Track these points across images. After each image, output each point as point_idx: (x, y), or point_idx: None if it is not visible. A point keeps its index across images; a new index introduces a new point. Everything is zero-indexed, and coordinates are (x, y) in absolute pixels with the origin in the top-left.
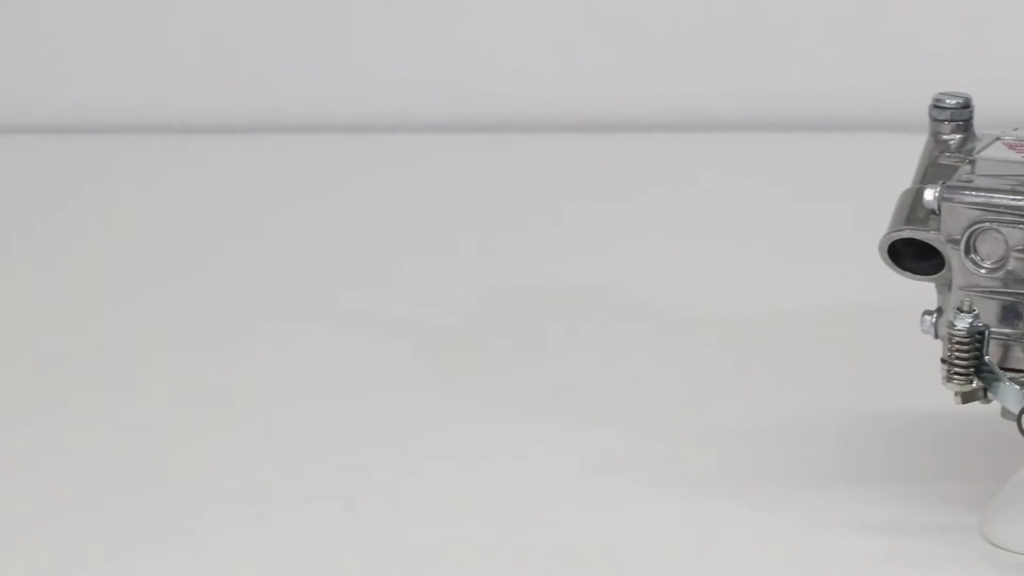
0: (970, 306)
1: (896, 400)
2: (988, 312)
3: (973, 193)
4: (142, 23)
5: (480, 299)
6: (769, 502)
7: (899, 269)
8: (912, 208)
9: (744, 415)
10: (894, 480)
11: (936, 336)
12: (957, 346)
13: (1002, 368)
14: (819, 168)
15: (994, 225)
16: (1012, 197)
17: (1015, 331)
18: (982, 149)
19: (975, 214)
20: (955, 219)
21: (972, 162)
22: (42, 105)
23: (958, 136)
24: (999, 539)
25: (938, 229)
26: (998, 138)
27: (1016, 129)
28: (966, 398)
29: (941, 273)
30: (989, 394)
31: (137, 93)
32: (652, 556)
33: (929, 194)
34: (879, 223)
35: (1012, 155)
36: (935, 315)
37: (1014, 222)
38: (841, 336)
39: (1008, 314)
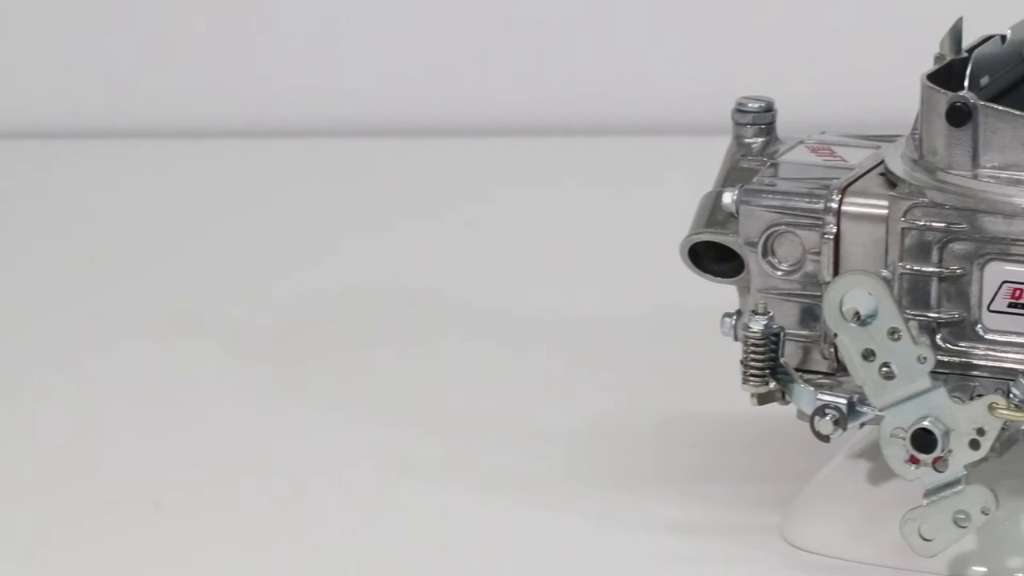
0: (765, 308)
1: (709, 402)
2: (787, 315)
3: (770, 196)
4: (30, 26)
5: (311, 305)
6: (578, 502)
7: (701, 272)
8: (712, 211)
9: (559, 417)
10: (703, 481)
11: (736, 338)
12: (752, 348)
13: (802, 370)
14: (639, 171)
15: (791, 228)
16: (808, 200)
17: (813, 333)
18: (784, 152)
19: (772, 217)
20: (753, 222)
21: (773, 165)
22: None
23: (761, 139)
24: (796, 539)
25: (737, 232)
26: (801, 142)
27: (823, 133)
28: (762, 400)
29: (741, 276)
30: (787, 396)
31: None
32: (461, 556)
33: (727, 197)
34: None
35: (813, 158)
36: (735, 317)
37: (810, 225)
38: (655, 339)
39: (806, 316)
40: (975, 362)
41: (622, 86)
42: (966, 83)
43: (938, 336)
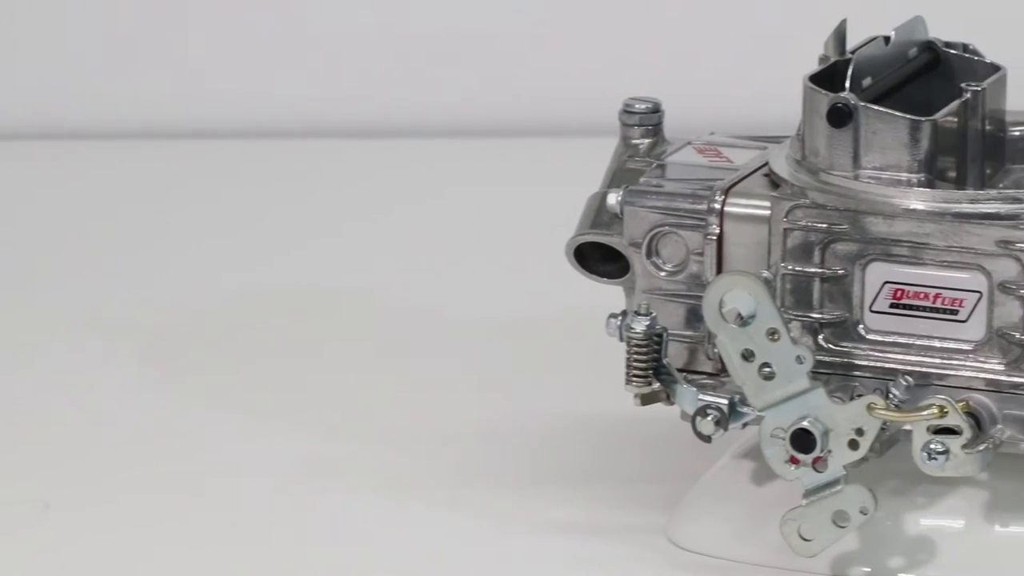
0: (647, 309)
1: (603, 403)
2: (672, 315)
3: (654, 197)
4: None
5: (214, 306)
6: (467, 503)
7: (587, 273)
8: (598, 212)
9: (452, 418)
10: (593, 482)
11: (621, 339)
12: (635, 349)
13: (688, 371)
14: (533, 172)
15: (674, 229)
16: (692, 201)
17: (698, 334)
18: (671, 153)
19: (656, 218)
20: (637, 223)
21: (660, 166)
22: None
23: (648, 140)
24: (681, 539)
25: (622, 233)
26: (689, 143)
27: (712, 134)
28: (646, 400)
29: (627, 277)
30: (671, 396)
31: None
32: (350, 556)
33: (612, 198)
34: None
35: (700, 159)
36: (620, 318)
37: (694, 226)
38: (549, 340)
39: (691, 317)
40: (857, 362)
41: (523, 88)
42: (847, 84)
43: (820, 336)
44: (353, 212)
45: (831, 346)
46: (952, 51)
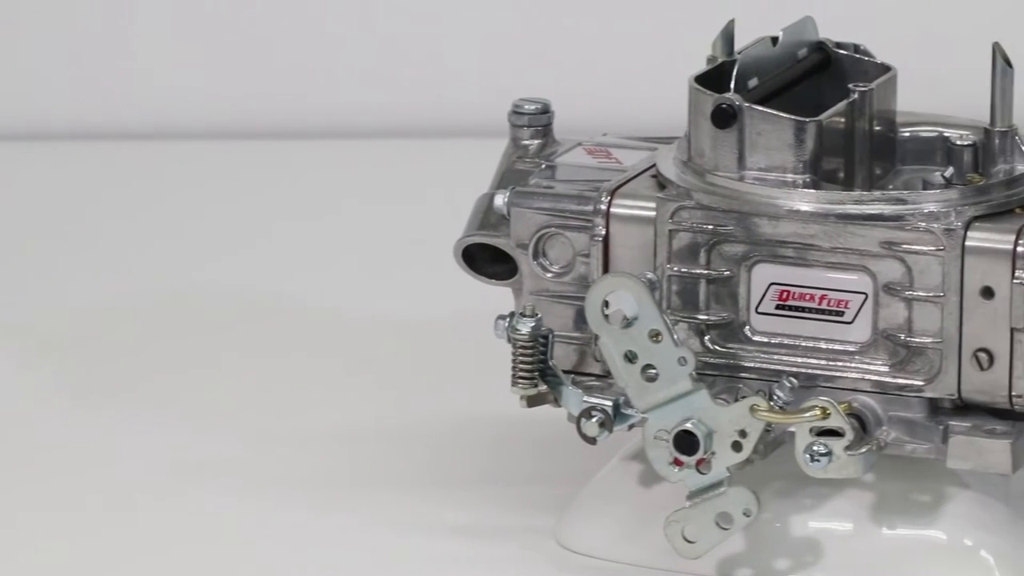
0: (533, 310)
1: (497, 404)
2: (559, 317)
3: (541, 198)
4: None
5: (121, 307)
6: (357, 505)
7: (476, 274)
8: (486, 213)
9: (344, 419)
10: (484, 483)
11: (508, 341)
12: (521, 350)
13: (577, 373)
14: (425, 173)
15: (561, 230)
16: (578, 202)
17: (586, 335)
18: (561, 154)
19: (543, 219)
20: (523, 224)
21: (549, 167)
22: None
23: (537, 141)
24: (569, 541)
25: (509, 234)
26: (579, 143)
27: (604, 135)
28: (532, 402)
29: (515, 278)
30: (557, 398)
31: None
32: (238, 558)
33: (499, 199)
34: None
35: (589, 160)
36: (508, 320)
37: (580, 227)
38: (444, 341)
39: (579, 318)
40: (744, 364)
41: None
42: (732, 85)
43: (707, 338)
44: (253, 215)
45: (717, 347)
46: (843, 52)
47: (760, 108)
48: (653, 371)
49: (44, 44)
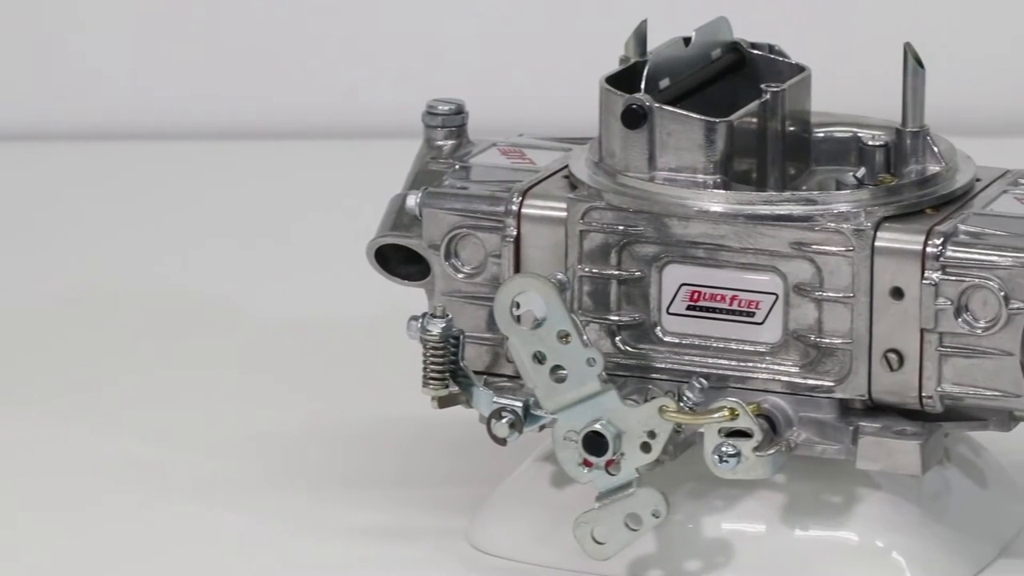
0: (443, 311)
1: (411, 406)
2: (472, 318)
3: (452, 199)
4: None
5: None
6: (269, 507)
7: (388, 275)
8: (398, 214)
9: (259, 421)
10: (400, 485)
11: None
12: (431, 351)
13: (490, 374)
14: (342, 174)
15: (473, 231)
16: (490, 203)
17: (498, 336)
18: (475, 155)
19: (454, 220)
20: (435, 225)
21: (463, 168)
22: None
23: (451, 142)
24: (481, 543)
25: (422, 235)
26: (494, 144)
27: (520, 135)
28: (443, 403)
29: (428, 279)
30: (468, 399)
31: None
32: (153, 559)
33: (411, 200)
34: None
35: (503, 161)
36: (420, 320)
37: (492, 228)
38: (359, 343)
39: (492, 319)
40: (655, 364)
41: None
42: (642, 85)
43: (618, 338)
44: (170, 213)
45: (629, 348)
46: (757, 52)
47: (670, 108)
48: (562, 372)
49: None
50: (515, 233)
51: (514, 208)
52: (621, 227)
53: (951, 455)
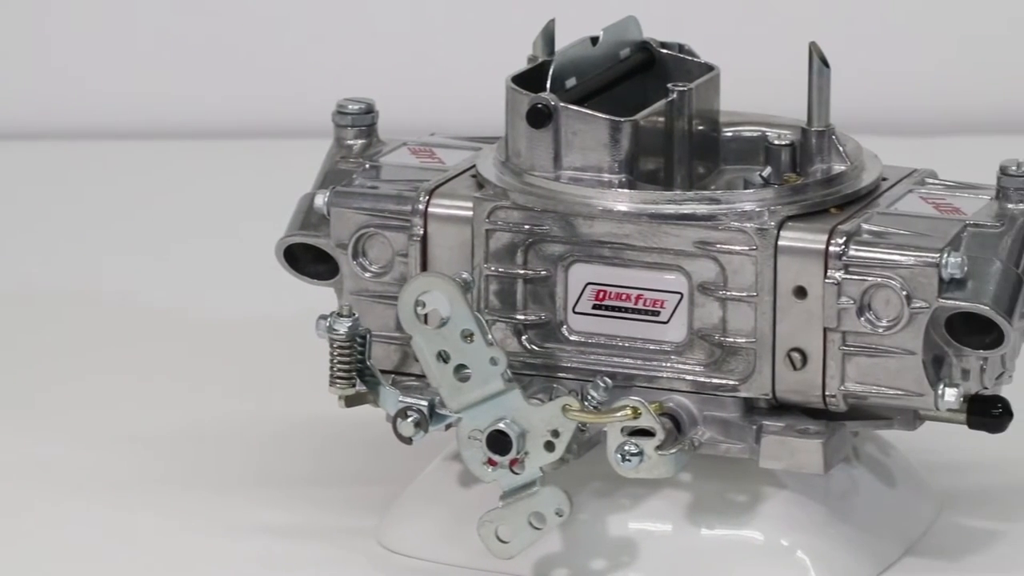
0: (350, 310)
1: (325, 406)
2: (380, 317)
3: (360, 198)
4: None
5: None
6: (178, 506)
7: (298, 274)
8: (307, 213)
9: (169, 421)
10: (311, 484)
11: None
12: (338, 350)
13: (399, 373)
14: (251, 173)
15: (380, 230)
16: (397, 202)
17: (406, 335)
18: (385, 154)
19: (362, 219)
20: (343, 224)
21: (372, 167)
22: None
23: (361, 141)
24: (390, 542)
25: (330, 234)
26: (404, 143)
27: (432, 135)
28: (350, 402)
29: (337, 278)
30: (375, 398)
31: None
32: (54, 558)
33: (319, 199)
34: None
35: (412, 160)
36: (328, 319)
37: (399, 227)
38: (272, 342)
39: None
40: (561, 363)
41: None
42: (548, 84)
43: (524, 338)
44: (82, 214)
45: (535, 347)
46: (666, 51)
47: (575, 108)
48: (466, 371)
49: None
50: (422, 232)
51: (421, 207)
52: (527, 226)
53: (860, 454)
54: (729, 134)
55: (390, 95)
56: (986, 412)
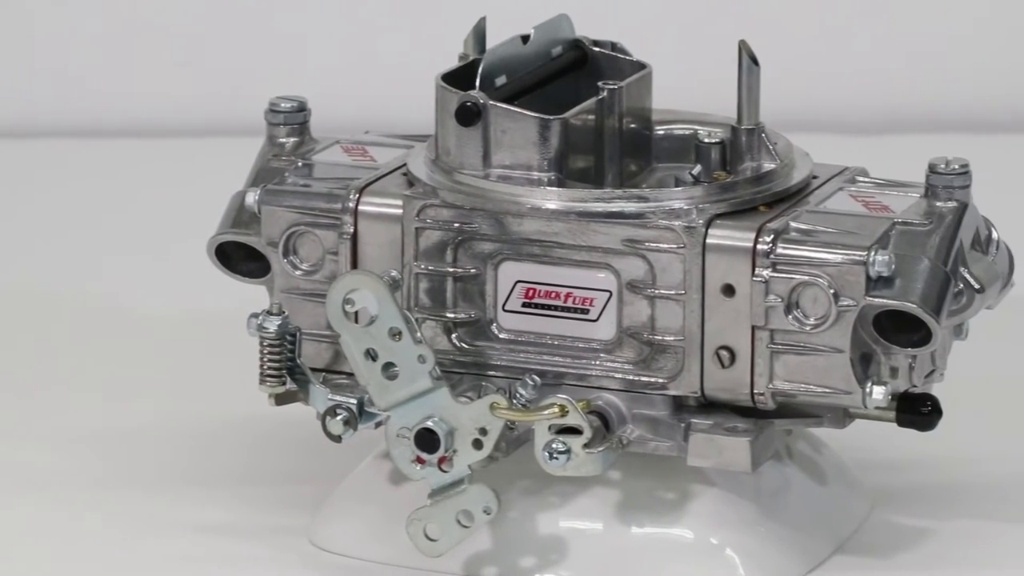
0: (279, 308)
1: (258, 404)
2: (311, 315)
3: (291, 196)
4: None
5: None
6: (109, 505)
7: (229, 272)
8: (238, 211)
9: (99, 419)
10: (244, 483)
11: None
12: (268, 348)
13: (331, 371)
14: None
15: (311, 228)
16: (327, 200)
17: (335, 333)
18: (318, 152)
19: (293, 217)
20: (273, 222)
21: (305, 165)
22: None
23: (293, 139)
24: (321, 540)
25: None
26: (337, 141)
27: (366, 132)
28: (280, 400)
29: (269, 276)
30: (305, 396)
31: None
32: None
33: (250, 197)
34: None
35: (344, 158)
36: (259, 317)
37: (329, 225)
38: (203, 340)
39: None
40: (491, 362)
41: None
42: (477, 82)
43: (454, 336)
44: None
45: (465, 345)
46: (599, 49)
47: (504, 106)
48: (394, 369)
49: None
50: (352, 230)
51: (351, 205)
52: (457, 224)
53: (792, 452)
54: (661, 132)
55: (326, 94)
56: (915, 410)
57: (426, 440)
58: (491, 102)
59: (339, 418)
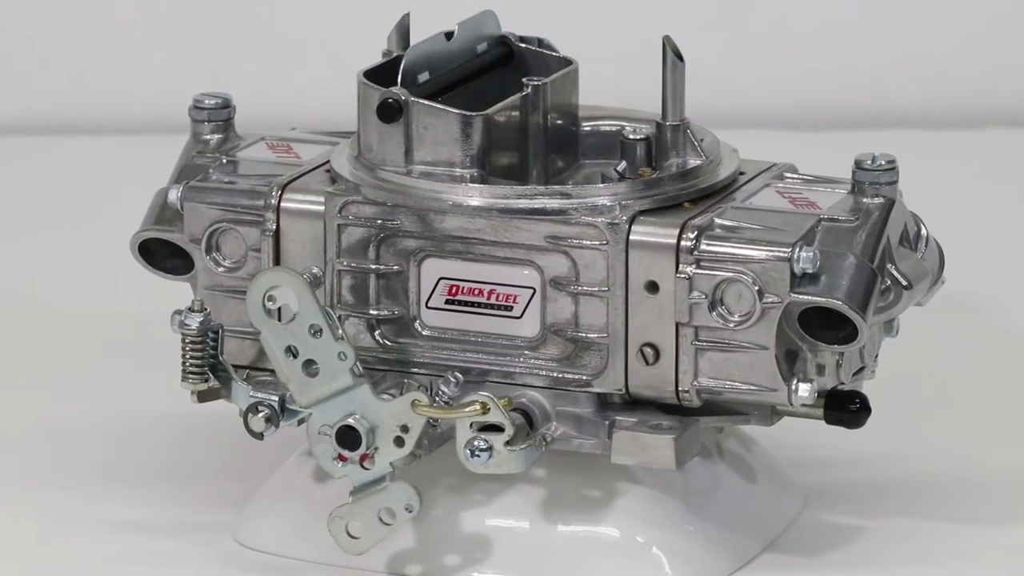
0: (201, 305)
1: (180, 401)
2: (235, 312)
3: (213, 193)
4: None
5: None
6: (30, 502)
7: (153, 268)
8: (161, 208)
9: (21, 415)
10: (165, 480)
11: None
12: (190, 345)
13: (255, 368)
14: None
15: (233, 225)
16: (250, 197)
17: (256, 330)
18: (242, 149)
19: (215, 214)
20: (196, 219)
21: (229, 162)
22: None
23: (217, 136)
24: (244, 537)
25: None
26: (263, 138)
27: (293, 129)
28: (203, 397)
29: (192, 273)
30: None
31: None
32: None
33: (172, 194)
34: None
35: (269, 155)
36: (182, 314)
37: (252, 222)
38: (126, 337)
39: None
40: (415, 359)
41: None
42: (399, 79)
43: (377, 333)
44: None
45: (388, 342)
46: (526, 46)
47: (425, 102)
48: (315, 366)
49: None
50: (274, 227)
51: (273, 202)
52: (379, 221)
53: (722, 450)
54: (588, 128)
55: (255, 91)
56: (843, 408)
57: (347, 437)
58: (412, 98)
59: (261, 415)
